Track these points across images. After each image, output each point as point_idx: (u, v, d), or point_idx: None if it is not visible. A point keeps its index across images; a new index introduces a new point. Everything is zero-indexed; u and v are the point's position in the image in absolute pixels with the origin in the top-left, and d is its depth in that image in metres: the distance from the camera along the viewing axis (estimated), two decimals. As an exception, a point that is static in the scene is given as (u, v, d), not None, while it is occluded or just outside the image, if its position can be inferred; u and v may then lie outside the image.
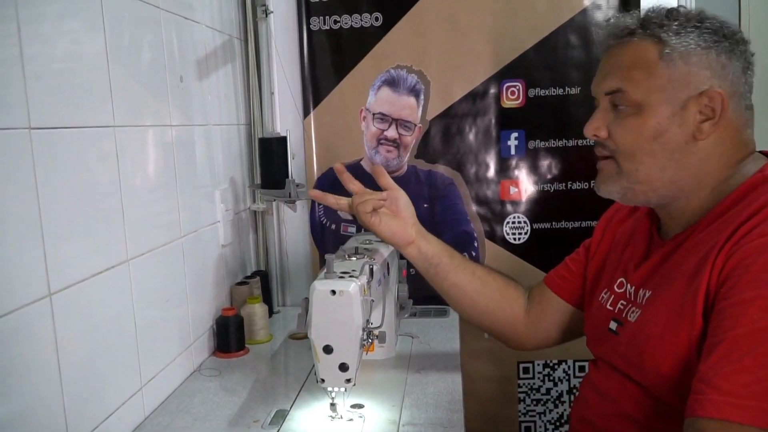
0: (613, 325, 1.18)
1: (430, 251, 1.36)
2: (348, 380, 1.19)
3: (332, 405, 1.25)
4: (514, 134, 2.00)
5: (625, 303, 1.17)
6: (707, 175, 1.09)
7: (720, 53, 1.05)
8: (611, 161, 1.13)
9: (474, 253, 2.03)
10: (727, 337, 0.91)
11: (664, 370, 1.02)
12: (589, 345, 1.28)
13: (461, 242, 2.04)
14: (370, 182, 1.34)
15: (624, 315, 1.16)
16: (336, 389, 1.22)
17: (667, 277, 1.08)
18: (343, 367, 1.18)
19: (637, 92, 1.08)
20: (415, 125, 2.01)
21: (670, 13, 1.09)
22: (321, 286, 1.16)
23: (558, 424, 2.10)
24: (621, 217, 1.32)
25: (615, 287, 1.22)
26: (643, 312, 1.11)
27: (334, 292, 1.15)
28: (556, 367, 2.08)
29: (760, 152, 1.12)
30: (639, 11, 1.13)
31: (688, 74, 1.05)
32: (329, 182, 2.06)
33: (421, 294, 1.97)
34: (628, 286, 1.18)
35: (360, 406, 1.31)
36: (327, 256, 1.21)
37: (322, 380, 1.20)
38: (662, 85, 1.06)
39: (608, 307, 1.21)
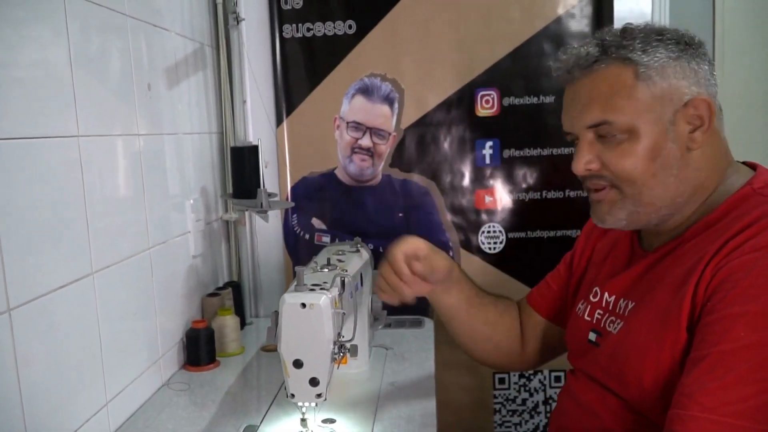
0: (592, 336, 1.17)
1: (449, 303, 1.35)
2: (319, 395, 1.17)
3: (303, 420, 1.22)
4: (489, 143, 1.99)
5: (602, 313, 1.16)
6: (702, 185, 1.07)
7: (690, 60, 1.04)
8: (612, 190, 1.08)
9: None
10: (712, 353, 0.90)
11: (646, 383, 1.00)
12: (570, 358, 1.26)
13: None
14: (344, 191, 1.32)
15: (603, 325, 1.15)
16: (306, 404, 1.19)
17: (651, 288, 1.07)
18: (314, 382, 1.16)
19: (624, 119, 1.04)
20: (390, 134, 2.00)
21: (625, 32, 1.07)
22: (291, 299, 1.13)
23: (534, 434, 2.09)
24: (601, 230, 1.30)
25: (591, 297, 1.21)
26: (626, 323, 1.09)
27: (304, 305, 1.13)
28: (531, 377, 2.07)
29: (744, 163, 1.12)
30: (592, 38, 1.10)
31: (669, 88, 1.03)
32: (302, 192, 2.04)
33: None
34: (606, 295, 1.17)
35: (332, 421, 1.29)
36: (297, 269, 1.18)
37: (292, 395, 1.17)
38: (647, 104, 1.03)
39: (586, 318, 1.20)
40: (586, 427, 1.14)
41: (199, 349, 1.60)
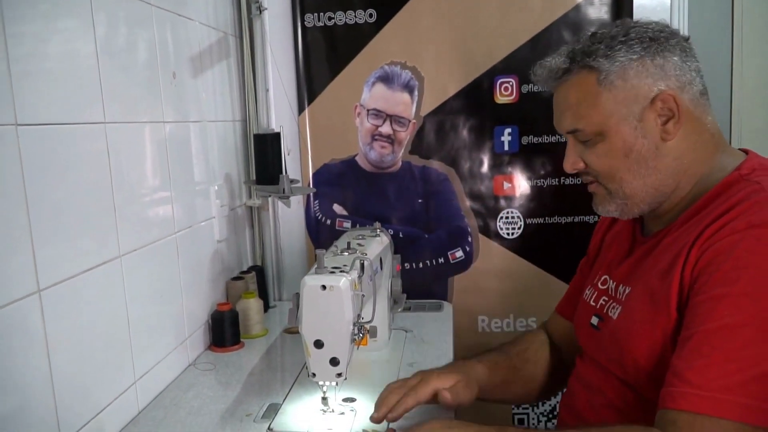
0: (594, 321, 1.22)
1: (471, 396, 1.29)
2: (339, 374, 1.20)
3: (324, 399, 1.26)
4: (508, 130, 2.00)
5: (606, 299, 1.21)
6: (685, 172, 1.11)
7: (654, 57, 1.08)
8: (599, 185, 1.18)
9: (468, 248, 2.05)
10: (698, 332, 0.94)
11: (641, 364, 1.05)
12: (576, 336, 1.31)
13: (455, 237, 2.05)
14: (364, 178, 1.34)
15: (605, 311, 1.20)
16: (327, 383, 1.23)
17: (645, 273, 1.11)
18: (334, 362, 1.19)
19: (592, 125, 1.12)
20: (410, 121, 2.02)
21: (594, 37, 1.12)
22: (311, 281, 1.17)
23: (550, 416, 2.11)
24: (609, 222, 1.36)
25: (599, 284, 1.25)
26: (623, 309, 1.14)
27: (324, 287, 1.16)
28: (549, 361, 2.09)
29: (741, 150, 1.14)
30: (568, 46, 1.17)
31: (632, 89, 1.09)
32: (323, 178, 2.07)
33: (417, 288, 2.00)
34: (610, 282, 1.22)
35: (352, 400, 1.32)
36: (317, 251, 1.22)
37: (313, 374, 1.21)
38: (611, 108, 1.10)
39: (591, 303, 1.25)
40: (592, 404, 1.19)
41: (224, 330, 1.65)
